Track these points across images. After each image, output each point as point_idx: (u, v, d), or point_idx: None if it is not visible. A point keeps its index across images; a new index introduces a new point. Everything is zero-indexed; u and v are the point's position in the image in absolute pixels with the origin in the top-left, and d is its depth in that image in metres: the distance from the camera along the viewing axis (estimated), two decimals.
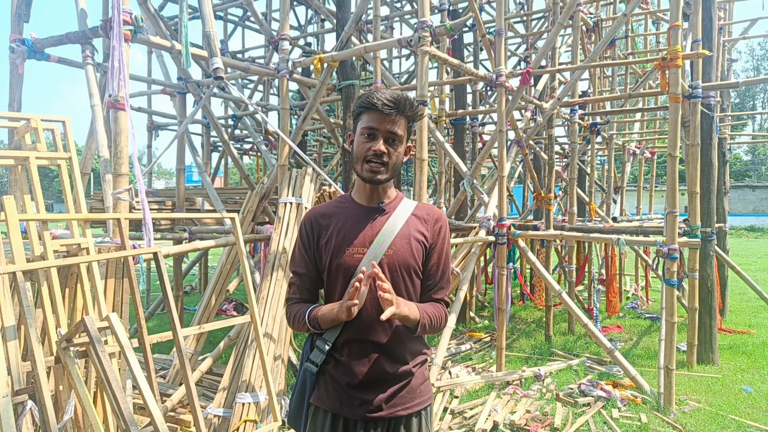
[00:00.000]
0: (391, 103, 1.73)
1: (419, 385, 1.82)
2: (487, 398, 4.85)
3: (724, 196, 8.04)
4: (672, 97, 4.70)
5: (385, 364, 1.75)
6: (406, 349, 1.80)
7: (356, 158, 1.80)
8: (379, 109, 1.73)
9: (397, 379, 1.77)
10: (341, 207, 1.89)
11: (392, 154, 1.77)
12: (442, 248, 1.86)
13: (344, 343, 1.77)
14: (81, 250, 3.32)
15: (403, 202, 1.89)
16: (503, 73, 5.54)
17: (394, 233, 1.79)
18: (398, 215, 1.83)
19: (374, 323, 1.74)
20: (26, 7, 4.63)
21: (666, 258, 4.73)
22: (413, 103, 1.80)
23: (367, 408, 1.73)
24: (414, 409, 1.79)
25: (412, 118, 1.81)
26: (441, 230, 1.87)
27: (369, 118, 1.76)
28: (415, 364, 1.82)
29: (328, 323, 1.73)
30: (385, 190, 1.87)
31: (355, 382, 1.74)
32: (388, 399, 1.75)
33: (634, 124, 11.44)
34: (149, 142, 9.52)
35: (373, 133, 1.76)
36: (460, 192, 6.74)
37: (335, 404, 1.76)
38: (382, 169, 1.77)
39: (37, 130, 3.53)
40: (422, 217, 1.86)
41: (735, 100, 47.11)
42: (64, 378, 2.97)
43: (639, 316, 8.59)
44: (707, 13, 6.07)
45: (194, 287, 11.16)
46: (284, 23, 5.42)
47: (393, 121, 1.75)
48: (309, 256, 1.86)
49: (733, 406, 4.79)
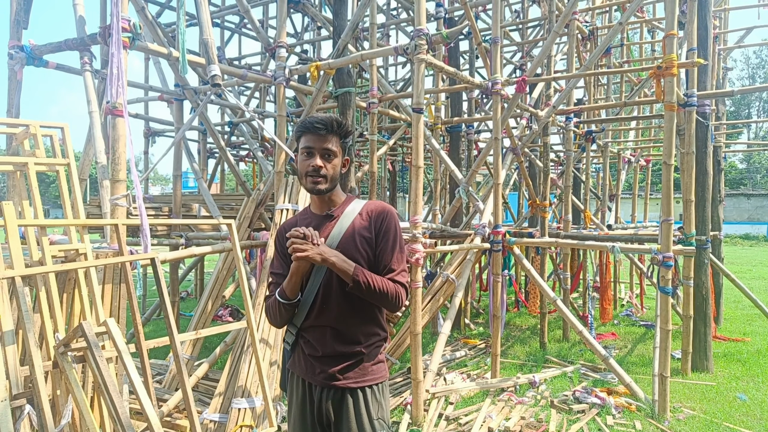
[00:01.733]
0: (321, 124, 2.06)
1: (370, 365, 2.10)
2: (482, 405, 4.86)
3: (719, 204, 8.09)
4: (667, 105, 4.75)
5: (337, 343, 2.06)
6: (359, 331, 2.09)
7: (300, 175, 2.13)
8: (312, 131, 2.06)
9: (349, 357, 2.07)
10: (303, 218, 2.22)
11: (328, 167, 2.08)
12: (387, 236, 2.10)
13: (308, 326, 2.10)
14: (79, 256, 3.33)
15: (352, 205, 2.18)
16: (499, 81, 5.58)
17: (341, 234, 2.08)
18: (344, 218, 2.13)
19: (329, 308, 2.06)
20: (25, 13, 4.66)
21: (661, 266, 4.76)
22: (341, 123, 2.11)
23: (324, 376, 2.05)
24: (362, 384, 2.07)
25: (343, 135, 2.12)
26: (384, 221, 2.12)
27: (306, 139, 2.09)
28: (367, 345, 2.10)
29: (290, 284, 2.01)
30: (332, 199, 2.17)
31: (317, 354, 2.07)
32: (341, 371, 2.05)
33: (629, 132, 11.50)
34: (146, 149, 9.53)
35: (311, 151, 2.08)
36: (456, 199, 6.77)
37: (303, 371, 2.12)
38: (321, 180, 2.07)
39: (35, 136, 3.55)
40: (366, 214, 2.14)
41: (730, 108, 47.43)
42: (61, 382, 2.97)
43: (634, 323, 8.61)
44: (702, 21, 6.12)
45: (190, 293, 11.15)
46: (281, 31, 5.46)
47: (325, 139, 2.07)
48: (283, 259, 2.15)
49: (727, 413, 4.81)
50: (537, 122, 6.95)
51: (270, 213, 6.47)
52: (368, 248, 2.08)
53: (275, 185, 5.22)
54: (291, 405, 2.19)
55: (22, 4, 4.63)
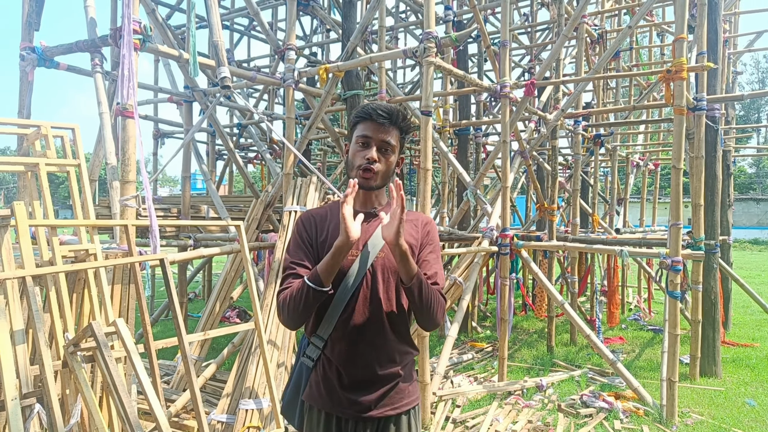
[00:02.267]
0: (385, 114, 1.82)
1: (407, 386, 1.88)
2: (489, 408, 4.85)
3: (728, 209, 8.04)
4: (676, 109, 4.73)
5: (375, 365, 1.80)
6: (395, 350, 1.83)
7: (350, 165, 1.88)
8: (374, 119, 1.81)
9: (386, 380, 1.82)
10: (337, 209, 1.90)
11: (383, 162, 1.84)
12: (432, 247, 1.91)
13: (337, 339, 1.80)
14: (89, 256, 3.35)
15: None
16: (507, 84, 5.58)
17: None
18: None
19: (365, 321, 1.79)
20: (37, 15, 4.70)
21: (669, 270, 4.74)
22: (406, 116, 1.87)
23: (358, 408, 1.78)
24: (403, 409, 1.84)
25: (404, 130, 1.89)
26: (430, 233, 1.94)
27: (364, 127, 1.84)
28: (403, 365, 1.86)
29: (329, 264, 1.68)
30: (378, 197, 1.93)
31: (345, 382, 1.79)
32: (378, 400, 1.80)
33: (637, 136, 11.47)
34: (155, 150, 9.60)
35: (367, 141, 1.83)
36: (464, 202, 6.77)
37: (327, 403, 1.81)
38: (374, 176, 1.83)
39: (47, 137, 3.58)
40: (412, 221, 1.93)
41: (740, 112, 47.12)
42: (71, 382, 2.99)
43: (641, 327, 8.57)
44: (712, 25, 6.10)
45: (198, 294, 11.19)
46: (290, 33, 5.48)
47: (386, 130, 1.83)
48: (307, 249, 1.86)
49: (736, 419, 4.78)
50: (545, 125, 6.93)
51: (278, 215, 6.49)
52: (413, 257, 1.81)
53: (284, 187, 5.23)
54: None
55: (34, 6, 4.67)
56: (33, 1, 4.66)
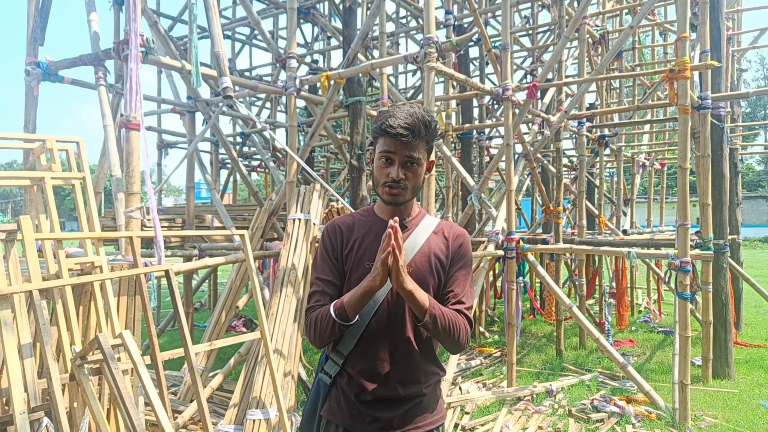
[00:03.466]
0: (406, 131, 1.69)
1: (432, 404, 1.80)
2: (499, 414, 4.81)
3: (737, 207, 7.97)
4: (681, 108, 4.70)
5: (397, 384, 1.74)
6: (420, 370, 1.77)
7: (376, 182, 1.80)
8: (395, 137, 1.70)
9: (408, 399, 1.75)
10: (364, 220, 1.87)
11: (410, 177, 1.75)
12: (463, 263, 1.82)
13: (358, 357, 1.75)
14: (94, 268, 3.35)
15: (425, 219, 1.88)
16: (510, 87, 5.56)
17: (415, 250, 1.77)
18: (420, 232, 1.82)
19: (389, 339, 1.74)
20: (41, 30, 4.74)
21: (678, 271, 4.70)
22: (430, 124, 1.74)
23: (379, 425, 1.72)
24: (425, 429, 1.77)
25: (431, 139, 1.78)
26: (461, 246, 1.84)
27: (386, 143, 1.73)
28: (427, 385, 1.79)
29: (356, 301, 1.63)
30: (407, 208, 1.85)
31: (367, 399, 1.73)
32: (401, 418, 1.74)
33: (642, 136, 11.42)
34: (159, 160, 9.63)
35: (390, 158, 1.73)
36: (468, 206, 6.74)
37: (347, 419, 1.75)
38: (402, 192, 1.75)
39: (52, 151, 3.59)
40: (443, 234, 1.84)
41: (746, 109, 46.85)
42: (78, 395, 2.98)
43: (652, 329, 8.50)
44: (715, 23, 6.07)
45: (204, 304, 11.20)
46: (291, 41, 5.49)
47: (410, 146, 1.71)
48: (332, 263, 1.82)
49: (750, 422, 4.72)
50: (549, 127, 6.91)
51: (282, 223, 6.49)
52: (442, 273, 1.78)
53: (287, 195, 5.23)
54: None
55: (38, 22, 4.71)
56: (37, 16, 4.70)
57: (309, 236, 4.88)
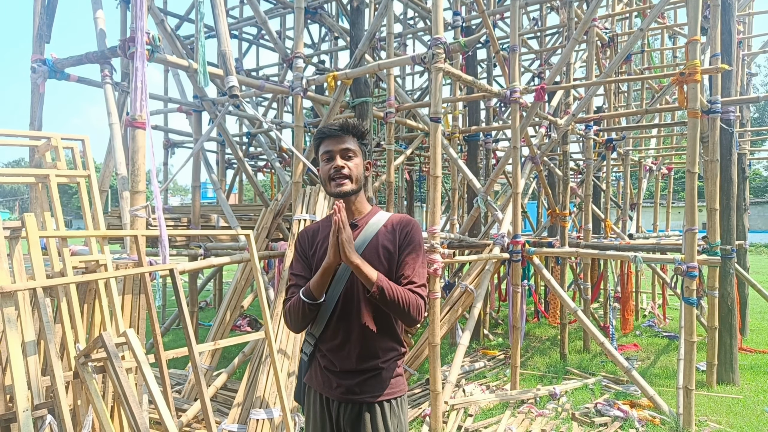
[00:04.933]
0: (336, 127, 2.07)
1: (388, 378, 2.06)
2: (502, 417, 4.79)
3: (744, 213, 7.93)
4: (690, 112, 4.67)
5: (356, 358, 2.01)
6: (377, 346, 2.04)
7: (324, 182, 2.09)
8: (329, 135, 2.07)
9: (367, 371, 2.02)
10: (325, 224, 2.14)
11: (350, 165, 2.06)
12: (410, 247, 2.05)
13: (326, 337, 2.05)
14: (99, 267, 3.35)
15: (376, 216, 2.12)
16: (517, 90, 5.54)
17: (364, 245, 2.03)
18: (368, 228, 2.08)
19: (350, 319, 2.02)
20: (47, 28, 4.74)
21: (685, 276, 4.66)
22: (356, 124, 2.10)
23: (342, 390, 2.02)
24: (381, 398, 2.03)
25: (360, 136, 2.11)
26: (408, 234, 2.07)
27: (324, 145, 2.08)
28: (384, 360, 2.05)
29: (318, 280, 1.92)
30: (357, 208, 2.12)
31: (333, 369, 2.04)
32: (358, 385, 2.01)
33: (650, 140, 11.35)
34: (165, 160, 9.64)
35: (330, 155, 2.06)
36: (474, 209, 6.73)
37: (320, 385, 2.08)
38: (346, 181, 2.04)
39: (57, 149, 3.59)
40: (391, 226, 2.09)
41: (754, 114, 46.56)
42: (82, 393, 2.99)
43: (656, 334, 8.45)
44: (726, 26, 6.02)
45: (209, 303, 11.22)
46: (298, 41, 5.49)
47: (343, 140, 2.06)
48: (304, 262, 2.13)
49: (755, 428, 4.68)
50: (556, 131, 6.88)
51: (288, 223, 6.48)
52: (390, 262, 2.03)
53: (293, 195, 5.23)
54: (308, 420, 2.15)
55: (44, 19, 4.72)
56: (44, 14, 4.71)
57: None
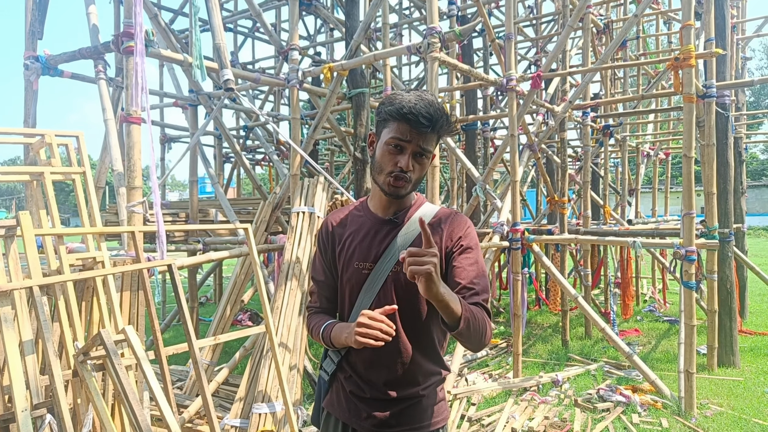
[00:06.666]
0: (427, 120, 1.55)
1: (431, 405, 1.71)
2: (505, 405, 4.80)
3: (742, 196, 7.92)
4: (686, 97, 4.65)
5: (393, 386, 1.66)
6: (418, 371, 1.68)
7: (378, 169, 1.65)
8: (414, 125, 1.56)
9: (404, 400, 1.68)
10: (356, 216, 1.77)
11: (417, 170, 1.63)
12: (469, 249, 1.64)
13: (354, 358, 1.70)
14: (96, 264, 3.34)
15: (422, 209, 1.73)
16: (514, 78, 5.51)
17: (404, 248, 1.62)
18: (412, 226, 1.67)
19: (388, 346, 1.54)
20: (40, 24, 4.70)
21: (683, 260, 4.67)
22: (449, 119, 1.62)
23: (373, 422, 1.66)
24: (425, 429, 1.69)
25: (444, 134, 1.66)
26: (463, 231, 1.67)
27: (400, 129, 1.58)
28: (426, 386, 1.69)
29: (340, 345, 1.64)
30: (402, 201, 1.72)
31: (363, 396, 1.69)
32: (395, 417, 1.66)
33: (647, 126, 11.34)
34: (162, 155, 9.60)
35: (402, 146, 1.59)
36: (473, 197, 6.71)
37: (344, 413, 1.72)
38: (405, 185, 1.62)
39: (51, 146, 3.57)
40: (439, 225, 1.68)
41: (750, 98, 46.45)
42: (81, 391, 2.98)
43: (657, 319, 8.47)
44: (720, 11, 6.00)
45: (209, 298, 11.22)
46: (293, 33, 5.45)
47: (426, 137, 1.59)
48: (326, 263, 1.78)
49: (756, 409, 4.70)
50: (553, 118, 6.85)
51: (287, 216, 6.47)
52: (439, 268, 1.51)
53: (291, 188, 5.21)
54: None
55: (36, 15, 4.67)
56: (36, 10, 4.67)
57: (313, 229, 4.86)
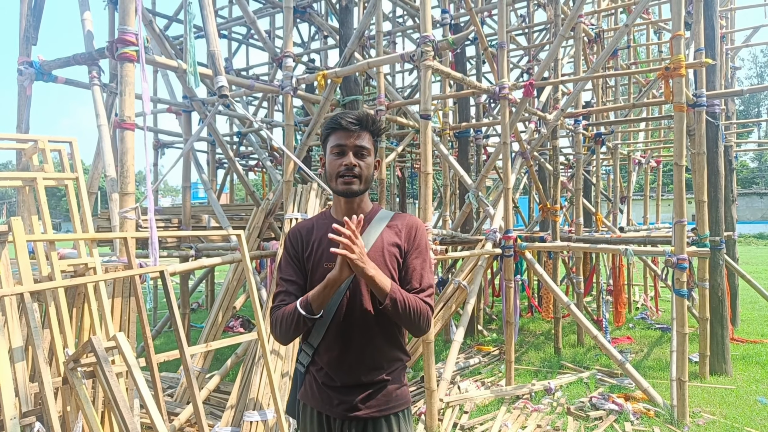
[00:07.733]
0: (355, 120, 1.88)
1: (395, 390, 1.92)
2: (497, 413, 4.80)
3: (732, 204, 7.99)
4: (676, 106, 4.69)
5: (360, 372, 1.87)
6: (383, 357, 1.89)
7: (329, 176, 1.92)
8: (345, 127, 1.87)
9: (371, 385, 1.88)
10: (321, 222, 1.98)
11: (362, 165, 1.88)
12: (419, 251, 1.92)
13: (325, 348, 1.88)
14: (88, 270, 3.32)
15: (379, 215, 1.98)
16: (506, 86, 5.55)
17: (368, 247, 1.86)
18: (372, 228, 1.92)
19: (352, 330, 1.85)
20: (34, 30, 4.69)
21: (675, 268, 4.69)
22: (375, 119, 1.93)
23: (345, 407, 1.86)
24: (387, 412, 1.89)
25: (375, 133, 1.94)
26: (416, 236, 1.94)
27: (337, 137, 1.89)
28: (390, 371, 1.91)
29: (321, 295, 1.74)
30: (360, 205, 1.95)
31: (333, 384, 1.88)
32: (363, 401, 1.86)
33: (638, 134, 11.42)
34: (155, 161, 9.58)
35: (342, 149, 1.88)
36: (466, 205, 6.73)
37: (318, 402, 1.91)
38: (355, 181, 1.87)
39: (44, 151, 3.55)
40: (396, 227, 1.94)
41: (739, 107, 46.97)
42: (71, 399, 2.96)
43: (649, 326, 8.50)
44: (709, 21, 6.08)
45: (201, 304, 11.16)
46: (288, 40, 5.46)
47: (359, 136, 1.88)
48: (295, 264, 1.95)
49: (748, 417, 4.72)
50: (546, 126, 6.89)
51: (279, 222, 6.46)
52: (396, 265, 1.88)
53: (284, 194, 5.21)
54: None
55: (31, 21, 4.67)
56: (30, 16, 4.66)
57: None
